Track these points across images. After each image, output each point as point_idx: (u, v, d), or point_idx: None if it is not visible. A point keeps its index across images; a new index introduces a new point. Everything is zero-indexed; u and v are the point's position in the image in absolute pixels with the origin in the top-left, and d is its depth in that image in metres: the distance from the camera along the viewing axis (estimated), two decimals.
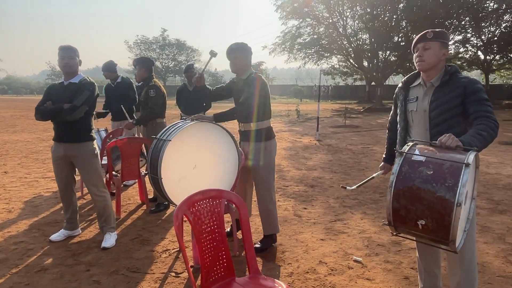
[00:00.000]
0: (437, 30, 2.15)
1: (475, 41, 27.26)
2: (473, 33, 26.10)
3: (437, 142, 1.86)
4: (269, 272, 3.03)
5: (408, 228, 1.83)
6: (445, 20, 24.12)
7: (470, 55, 28.53)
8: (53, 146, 3.55)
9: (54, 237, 3.61)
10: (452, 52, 28.06)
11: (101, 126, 5.72)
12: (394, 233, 1.92)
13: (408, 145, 1.92)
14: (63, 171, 3.55)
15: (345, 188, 2.55)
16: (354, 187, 2.51)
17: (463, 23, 25.31)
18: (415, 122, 2.26)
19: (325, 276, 2.97)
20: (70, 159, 3.49)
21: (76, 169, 3.59)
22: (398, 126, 2.35)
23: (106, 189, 3.63)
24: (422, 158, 1.78)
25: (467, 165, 1.64)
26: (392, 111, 2.53)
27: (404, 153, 1.85)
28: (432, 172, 1.72)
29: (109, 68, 5.59)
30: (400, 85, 2.37)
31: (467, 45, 27.42)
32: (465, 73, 34.11)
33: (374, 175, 2.55)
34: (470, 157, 1.68)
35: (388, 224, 1.87)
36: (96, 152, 3.55)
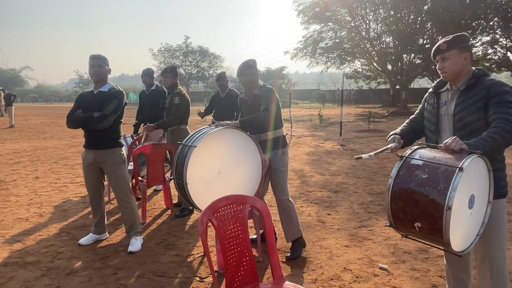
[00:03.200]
0: (450, 37, 2.10)
1: (504, 42, 26.38)
2: (502, 34, 25.24)
3: (442, 145, 1.86)
4: (293, 278, 3.02)
5: (408, 230, 1.87)
6: (472, 21, 23.46)
7: (499, 56, 27.63)
8: (83, 153, 3.67)
9: (83, 240, 3.72)
10: (480, 53, 27.25)
11: (127, 133, 5.87)
12: (402, 235, 1.95)
13: (411, 149, 1.95)
14: (92, 177, 3.67)
15: (361, 157, 2.37)
16: (372, 153, 2.33)
17: (491, 23, 24.52)
18: (443, 126, 2.21)
19: (350, 283, 2.93)
20: (99, 165, 3.60)
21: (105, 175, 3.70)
22: (427, 130, 2.31)
23: (132, 195, 3.72)
24: (420, 162, 1.83)
25: (461, 169, 1.64)
26: (416, 111, 2.46)
27: (404, 157, 1.90)
28: (427, 175, 1.76)
29: (149, 74, 5.84)
30: (430, 90, 2.34)
31: (496, 46, 26.54)
32: (494, 75, 32.69)
33: (388, 146, 2.35)
34: (467, 161, 1.68)
35: (390, 226, 1.93)
36: (124, 158, 3.65)
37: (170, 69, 4.80)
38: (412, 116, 2.47)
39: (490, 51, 27.08)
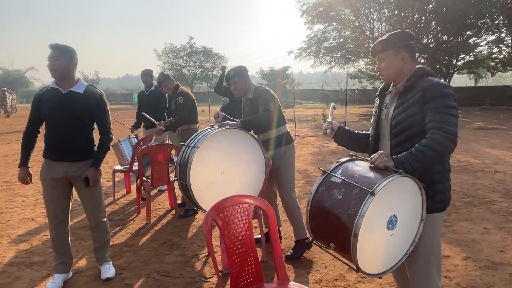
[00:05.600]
0: (385, 36, 1.94)
1: (510, 41, 26.24)
2: (507, 33, 25.09)
3: (369, 159, 1.77)
4: (297, 278, 3.02)
5: (327, 247, 1.80)
6: (477, 20, 23.34)
7: (505, 55, 27.48)
8: (46, 166, 2.96)
9: (51, 285, 2.92)
10: (485, 53, 27.11)
11: (130, 134, 5.90)
12: (323, 248, 1.85)
13: (337, 162, 1.86)
14: (62, 195, 2.97)
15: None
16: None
17: (496, 22, 24.41)
18: (383, 132, 2.07)
19: (354, 283, 2.93)
20: (70, 179, 2.95)
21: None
22: (370, 135, 2.18)
23: (105, 214, 3.19)
24: (339, 180, 1.73)
25: (372, 193, 1.56)
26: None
27: (326, 173, 1.81)
28: (341, 196, 1.67)
29: (149, 74, 5.92)
30: (377, 93, 2.18)
31: (501, 45, 26.39)
32: (499, 74, 32.30)
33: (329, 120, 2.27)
34: (384, 183, 1.58)
35: (312, 242, 1.85)
36: (100, 171, 3.02)
37: (163, 77, 4.87)
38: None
39: (495, 50, 26.94)
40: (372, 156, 1.76)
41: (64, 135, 2.86)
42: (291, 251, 3.42)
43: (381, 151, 1.76)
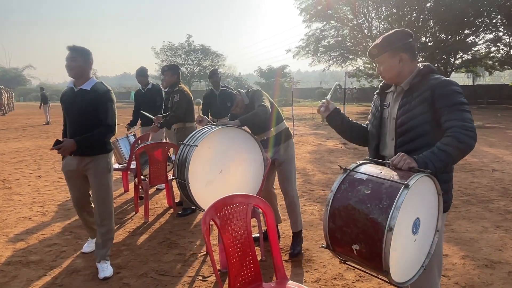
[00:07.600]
0: (380, 40, 1.91)
1: (508, 40, 26.29)
2: (505, 32, 25.14)
3: (389, 161, 1.70)
4: (296, 277, 3.01)
5: (345, 253, 1.70)
6: (475, 19, 23.38)
7: (502, 54, 27.54)
8: (65, 159, 3.18)
9: (86, 249, 3.52)
10: (483, 51, 27.16)
11: (124, 134, 5.87)
12: (341, 260, 1.76)
13: (356, 163, 1.78)
14: (77, 185, 3.23)
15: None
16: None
17: (494, 21, 24.46)
18: (385, 130, 2.03)
19: (353, 282, 2.92)
20: (84, 172, 3.15)
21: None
22: (370, 134, 2.13)
23: (113, 214, 3.29)
24: (364, 177, 1.65)
25: (407, 186, 1.48)
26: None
27: (348, 170, 1.72)
28: (369, 191, 1.58)
29: (143, 73, 5.86)
30: (377, 91, 2.16)
31: (499, 44, 26.43)
32: (496, 73, 32.45)
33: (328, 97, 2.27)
34: (414, 178, 1.52)
35: (327, 248, 1.75)
36: (110, 166, 3.20)
37: (168, 67, 4.81)
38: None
39: (493, 49, 26.99)
40: (393, 158, 1.69)
41: (74, 131, 3.05)
42: (291, 248, 3.43)
43: (402, 153, 1.69)
